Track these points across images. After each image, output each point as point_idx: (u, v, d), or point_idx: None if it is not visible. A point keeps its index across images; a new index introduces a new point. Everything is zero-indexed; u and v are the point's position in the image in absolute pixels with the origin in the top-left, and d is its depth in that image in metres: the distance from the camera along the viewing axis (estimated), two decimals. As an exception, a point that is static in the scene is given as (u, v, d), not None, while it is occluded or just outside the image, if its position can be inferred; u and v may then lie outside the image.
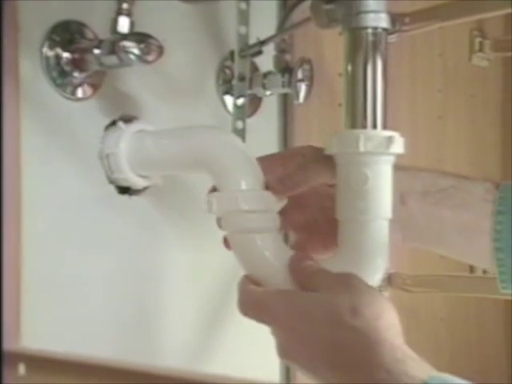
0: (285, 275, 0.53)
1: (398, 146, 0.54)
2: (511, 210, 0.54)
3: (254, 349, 0.50)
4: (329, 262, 0.55)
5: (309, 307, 0.49)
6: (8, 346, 0.70)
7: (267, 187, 0.56)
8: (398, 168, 0.56)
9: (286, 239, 0.59)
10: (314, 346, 0.48)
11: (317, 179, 0.57)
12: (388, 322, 0.48)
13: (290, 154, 0.60)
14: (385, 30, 0.56)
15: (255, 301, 0.52)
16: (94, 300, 0.81)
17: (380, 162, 0.54)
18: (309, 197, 0.58)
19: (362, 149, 0.53)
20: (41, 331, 0.75)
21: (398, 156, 0.55)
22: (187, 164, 0.66)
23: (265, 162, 0.57)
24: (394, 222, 0.56)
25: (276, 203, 0.56)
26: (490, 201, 0.55)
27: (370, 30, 0.55)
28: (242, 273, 0.55)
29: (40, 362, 0.70)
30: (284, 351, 0.51)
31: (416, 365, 0.46)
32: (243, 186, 0.55)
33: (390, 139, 0.53)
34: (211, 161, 0.59)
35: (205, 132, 0.63)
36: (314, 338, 0.48)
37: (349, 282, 0.50)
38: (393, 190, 0.55)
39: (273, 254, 0.54)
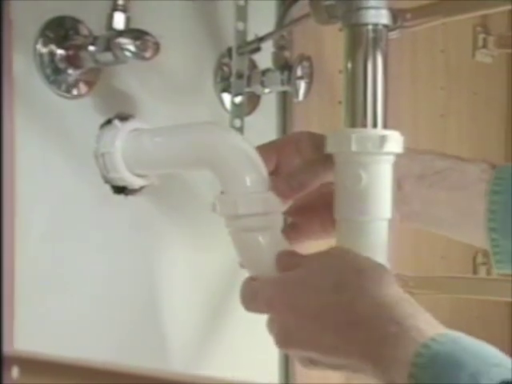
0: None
1: (394, 144, 0.54)
2: (508, 191, 0.54)
3: (254, 350, 0.50)
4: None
5: (306, 279, 0.49)
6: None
7: (273, 190, 0.56)
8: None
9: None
10: (319, 315, 0.48)
11: (322, 180, 0.57)
12: (392, 279, 0.49)
13: (285, 141, 0.61)
14: (385, 26, 0.56)
15: (251, 292, 0.53)
16: (89, 302, 0.81)
17: (376, 162, 0.54)
18: None
19: (354, 148, 0.53)
20: (35, 333, 0.75)
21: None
22: (188, 162, 0.66)
23: (260, 151, 0.58)
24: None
25: (278, 203, 0.57)
26: (486, 181, 0.55)
27: (370, 27, 0.56)
28: (241, 272, 0.56)
29: (34, 365, 0.71)
30: (286, 336, 0.50)
31: (426, 319, 0.46)
32: (247, 182, 0.56)
33: (383, 138, 0.53)
34: (214, 158, 0.59)
35: (206, 129, 0.64)
36: (317, 308, 0.48)
37: (343, 251, 0.52)
38: None
39: (271, 253, 0.55)
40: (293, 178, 0.57)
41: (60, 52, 0.78)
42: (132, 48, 0.72)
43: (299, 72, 0.93)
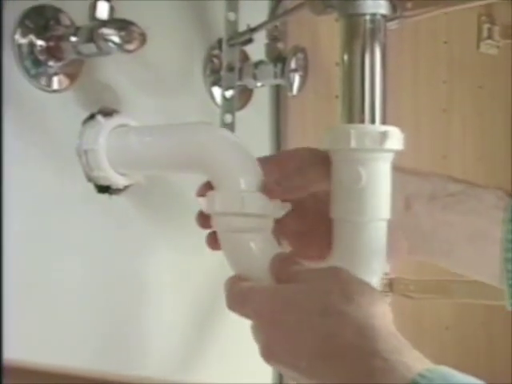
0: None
1: (394, 141, 0.54)
2: None
3: (246, 353, 0.51)
4: (321, 265, 0.56)
5: (296, 297, 0.50)
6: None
7: (264, 189, 0.57)
8: (406, 171, 0.57)
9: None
10: (301, 337, 0.48)
11: (316, 186, 0.57)
12: (382, 310, 0.49)
13: (287, 156, 0.61)
14: (384, 16, 0.57)
15: (240, 293, 0.53)
16: (72, 306, 0.81)
17: (375, 160, 0.54)
18: (305, 203, 0.59)
19: (353, 145, 0.54)
20: (16, 339, 0.75)
21: (400, 153, 0.56)
22: (179, 163, 0.66)
23: (261, 164, 0.58)
24: (399, 230, 0.56)
25: (280, 208, 0.57)
26: (502, 208, 0.55)
27: (368, 17, 0.56)
28: (230, 274, 0.56)
29: (17, 373, 0.71)
30: (268, 349, 0.51)
31: (413, 355, 0.46)
32: (242, 184, 0.56)
33: (384, 134, 0.54)
34: (208, 159, 0.59)
35: (200, 129, 0.64)
36: (301, 329, 0.48)
37: (337, 273, 0.52)
38: (398, 193, 0.55)
39: (263, 255, 0.55)
40: (286, 180, 0.57)
41: (40, 43, 0.78)
42: (116, 39, 0.72)
43: (293, 64, 0.93)
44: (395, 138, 0.55)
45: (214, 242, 0.59)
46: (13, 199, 0.77)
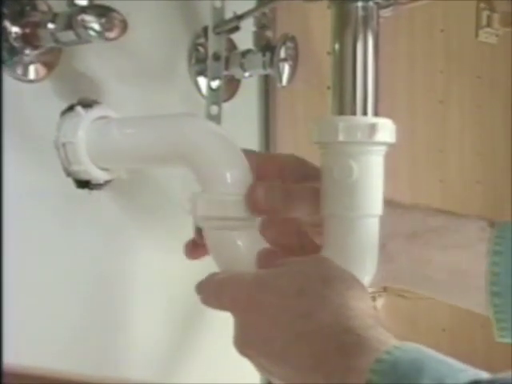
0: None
1: (385, 134, 0.55)
2: (510, 251, 0.56)
3: (234, 355, 0.51)
4: None
5: (274, 279, 0.51)
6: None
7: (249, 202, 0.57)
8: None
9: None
10: (275, 318, 0.49)
11: (299, 212, 0.59)
12: (360, 294, 0.50)
13: (269, 159, 0.62)
14: (377, 3, 0.57)
15: (215, 283, 0.54)
16: (48, 307, 0.82)
17: (366, 153, 0.55)
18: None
19: (340, 138, 0.54)
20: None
21: (395, 147, 0.57)
22: (162, 157, 0.67)
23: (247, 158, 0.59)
24: None
25: None
26: (485, 240, 0.57)
27: (360, 4, 0.57)
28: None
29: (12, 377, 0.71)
30: (242, 336, 0.51)
31: (388, 334, 0.47)
32: (228, 179, 0.57)
33: (373, 127, 0.54)
34: (193, 153, 0.60)
35: (184, 121, 0.64)
36: (275, 310, 0.49)
37: (320, 259, 0.53)
38: None
39: (250, 251, 0.56)
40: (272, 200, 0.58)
41: (15, 30, 0.78)
42: (96, 26, 0.72)
43: (283, 53, 0.93)
44: (386, 131, 0.55)
45: (192, 251, 0.60)
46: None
